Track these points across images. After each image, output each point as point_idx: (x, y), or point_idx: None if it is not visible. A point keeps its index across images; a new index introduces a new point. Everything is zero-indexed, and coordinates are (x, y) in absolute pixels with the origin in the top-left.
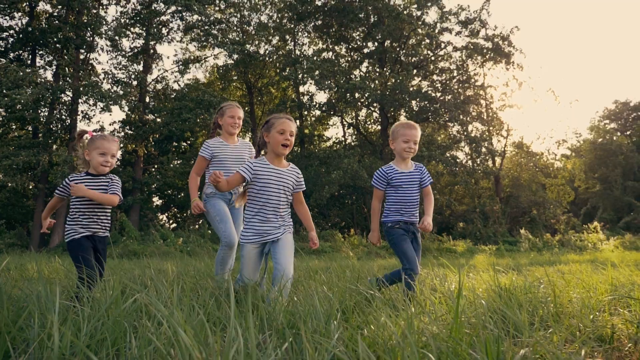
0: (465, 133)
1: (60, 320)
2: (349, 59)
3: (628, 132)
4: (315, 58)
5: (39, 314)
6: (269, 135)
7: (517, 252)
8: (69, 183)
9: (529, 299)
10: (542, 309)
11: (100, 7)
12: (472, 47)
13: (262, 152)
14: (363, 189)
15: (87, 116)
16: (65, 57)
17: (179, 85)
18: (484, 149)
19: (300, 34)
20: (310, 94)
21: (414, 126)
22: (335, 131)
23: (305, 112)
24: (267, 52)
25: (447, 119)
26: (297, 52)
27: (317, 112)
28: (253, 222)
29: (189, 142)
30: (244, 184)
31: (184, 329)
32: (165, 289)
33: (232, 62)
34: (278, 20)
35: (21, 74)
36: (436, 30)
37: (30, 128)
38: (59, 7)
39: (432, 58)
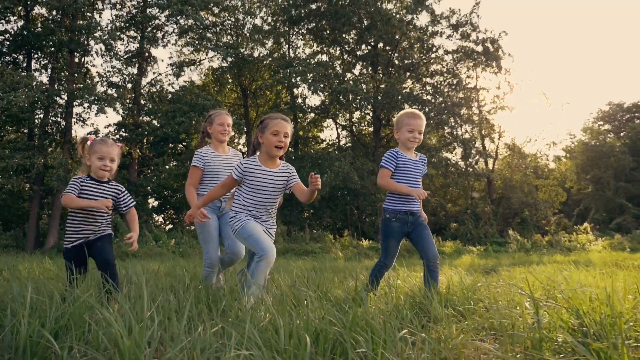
0: (455, 135)
1: (30, 311)
2: (343, 61)
3: (622, 134)
4: (308, 61)
5: (11, 306)
6: (263, 136)
7: (504, 253)
8: (81, 186)
9: (466, 296)
10: (468, 305)
11: (95, 11)
12: (462, 51)
13: (258, 153)
14: (354, 190)
15: (81, 119)
16: (61, 60)
17: (174, 88)
18: (473, 151)
19: (294, 36)
20: (304, 96)
21: (418, 115)
22: (329, 133)
23: (301, 115)
24: (261, 55)
25: (438, 121)
26: (292, 55)
27: (312, 115)
28: (246, 209)
29: (184, 143)
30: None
31: (115, 320)
32: (135, 287)
33: (227, 64)
34: (272, 24)
35: (17, 77)
36: (427, 34)
37: (25, 130)
38: (54, 11)
39: (424, 61)
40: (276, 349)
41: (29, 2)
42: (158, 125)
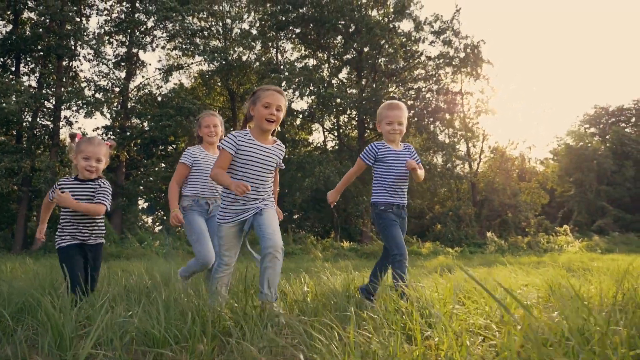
0: (434, 140)
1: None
2: (329, 65)
3: (608, 136)
4: (295, 65)
5: None
6: (255, 108)
7: (479, 254)
8: (56, 189)
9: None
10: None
11: (83, 17)
12: (444, 57)
13: (248, 126)
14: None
15: (69, 122)
16: (49, 64)
17: (161, 92)
18: (453, 156)
19: (283, 40)
20: (291, 100)
21: (396, 106)
22: (318, 136)
23: (289, 118)
24: (249, 59)
25: (419, 126)
26: (280, 58)
27: (299, 119)
28: (231, 201)
29: (173, 145)
30: None
31: (52, 305)
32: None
33: (214, 68)
34: (260, 28)
35: (6, 83)
36: (411, 40)
37: (14, 133)
38: (42, 17)
39: (408, 67)
40: (170, 324)
41: (17, 7)
42: (147, 128)
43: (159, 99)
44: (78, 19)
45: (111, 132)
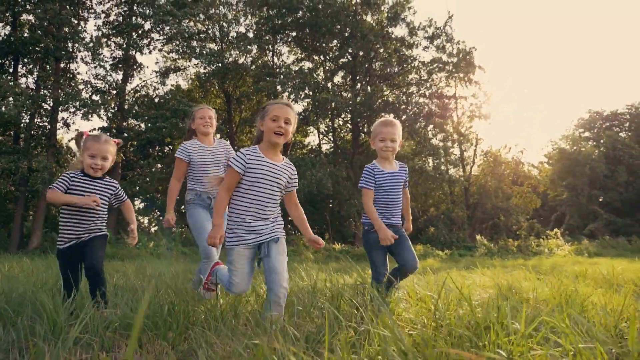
0: (425, 144)
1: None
2: (324, 69)
3: (602, 141)
4: (290, 68)
5: None
6: (263, 122)
7: (468, 257)
8: (72, 182)
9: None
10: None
11: (81, 19)
12: (437, 62)
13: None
14: (331, 196)
15: (66, 124)
16: (47, 67)
17: (158, 94)
18: (443, 160)
19: (279, 43)
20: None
21: (390, 123)
22: (313, 138)
23: None
24: (245, 63)
25: (411, 130)
26: (276, 61)
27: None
28: (244, 219)
29: (170, 147)
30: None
31: (48, 301)
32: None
33: (210, 70)
34: (256, 32)
35: (4, 85)
36: (405, 44)
37: (11, 133)
38: (40, 20)
39: (401, 71)
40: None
41: (16, 10)
42: (144, 129)
43: (156, 100)
44: (76, 21)
45: (108, 134)
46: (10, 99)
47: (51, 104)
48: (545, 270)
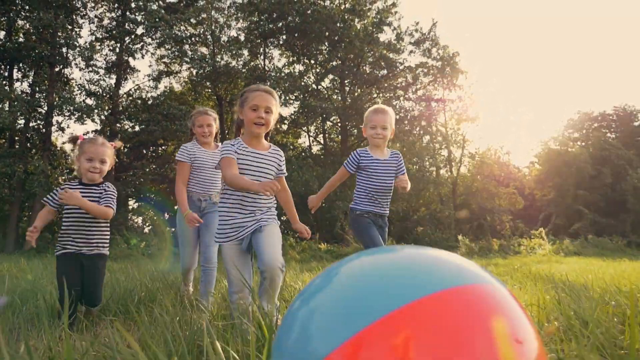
0: (410, 148)
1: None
2: (314, 72)
3: (590, 142)
4: (282, 71)
5: None
6: (242, 111)
7: None
8: (60, 190)
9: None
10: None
11: (75, 25)
12: (422, 67)
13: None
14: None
15: (61, 128)
16: (41, 71)
17: (152, 96)
18: (427, 163)
19: (270, 46)
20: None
21: (381, 110)
22: (304, 139)
23: (277, 124)
24: (236, 66)
25: (396, 132)
26: (267, 64)
27: (285, 125)
28: (230, 216)
29: (163, 147)
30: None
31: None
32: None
33: (202, 74)
34: (247, 36)
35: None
36: (391, 50)
37: (7, 135)
38: (35, 28)
39: (389, 75)
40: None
41: (11, 16)
42: (138, 130)
43: (150, 102)
44: (70, 27)
45: (102, 137)
46: (6, 105)
47: (46, 108)
48: (504, 271)
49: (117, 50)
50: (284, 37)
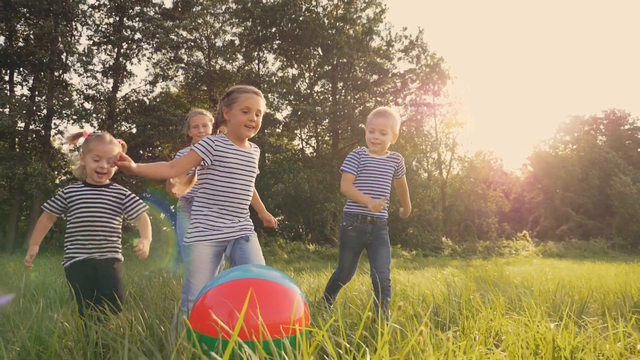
0: (398, 152)
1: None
2: (308, 76)
3: (582, 145)
4: (276, 74)
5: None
6: (230, 112)
7: (431, 258)
8: (63, 194)
9: None
10: None
11: (74, 31)
12: (411, 73)
13: (218, 131)
14: (307, 199)
15: (59, 131)
16: (41, 75)
17: (149, 99)
18: (414, 166)
19: (264, 51)
20: (273, 108)
21: (383, 114)
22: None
23: (270, 128)
24: (231, 71)
25: None
26: (261, 68)
27: (278, 127)
28: (207, 216)
29: (159, 148)
30: (195, 168)
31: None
32: None
33: (197, 78)
34: (241, 41)
35: (1, 96)
36: (380, 56)
37: (7, 139)
38: (36, 35)
39: (379, 81)
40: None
41: (12, 22)
42: (135, 132)
43: (147, 103)
44: (69, 34)
45: None
46: (7, 109)
47: (45, 112)
48: (474, 273)
49: (115, 55)
50: (278, 42)
